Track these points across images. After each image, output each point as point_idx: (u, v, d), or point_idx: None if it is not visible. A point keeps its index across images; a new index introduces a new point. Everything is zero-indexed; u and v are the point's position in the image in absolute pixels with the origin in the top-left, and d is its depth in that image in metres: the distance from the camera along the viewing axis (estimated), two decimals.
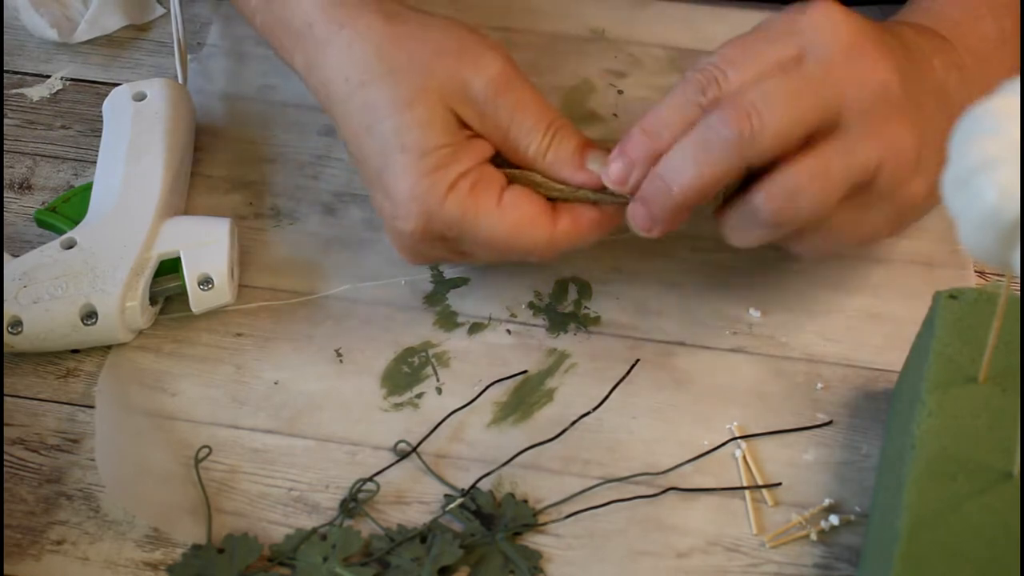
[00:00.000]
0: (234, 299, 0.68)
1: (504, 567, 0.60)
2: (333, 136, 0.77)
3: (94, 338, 0.66)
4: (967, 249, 0.45)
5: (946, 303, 0.60)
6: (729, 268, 0.71)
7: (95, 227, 0.68)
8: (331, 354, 0.67)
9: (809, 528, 0.61)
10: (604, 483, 0.63)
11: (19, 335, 0.65)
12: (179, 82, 0.77)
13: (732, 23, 0.82)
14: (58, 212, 0.70)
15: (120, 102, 0.73)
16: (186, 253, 0.67)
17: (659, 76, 0.80)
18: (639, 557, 0.61)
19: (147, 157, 0.70)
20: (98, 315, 0.65)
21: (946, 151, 0.45)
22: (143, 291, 0.66)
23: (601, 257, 0.71)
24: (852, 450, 0.64)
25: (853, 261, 0.71)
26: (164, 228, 0.68)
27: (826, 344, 0.68)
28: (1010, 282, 0.52)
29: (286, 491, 0.63)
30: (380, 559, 0.60)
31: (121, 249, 0.67)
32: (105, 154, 0.71)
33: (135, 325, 0.67)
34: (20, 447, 0.64)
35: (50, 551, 0.60)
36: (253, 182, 0.75)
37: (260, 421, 0.65)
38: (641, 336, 0.68)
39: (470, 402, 0.65)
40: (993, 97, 0.44)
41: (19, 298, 0.65)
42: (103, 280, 0.66)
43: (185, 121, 0.73)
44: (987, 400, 0.56)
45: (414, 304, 0.70)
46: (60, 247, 0.67)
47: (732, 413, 0.65)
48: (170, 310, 0.69)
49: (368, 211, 0.73)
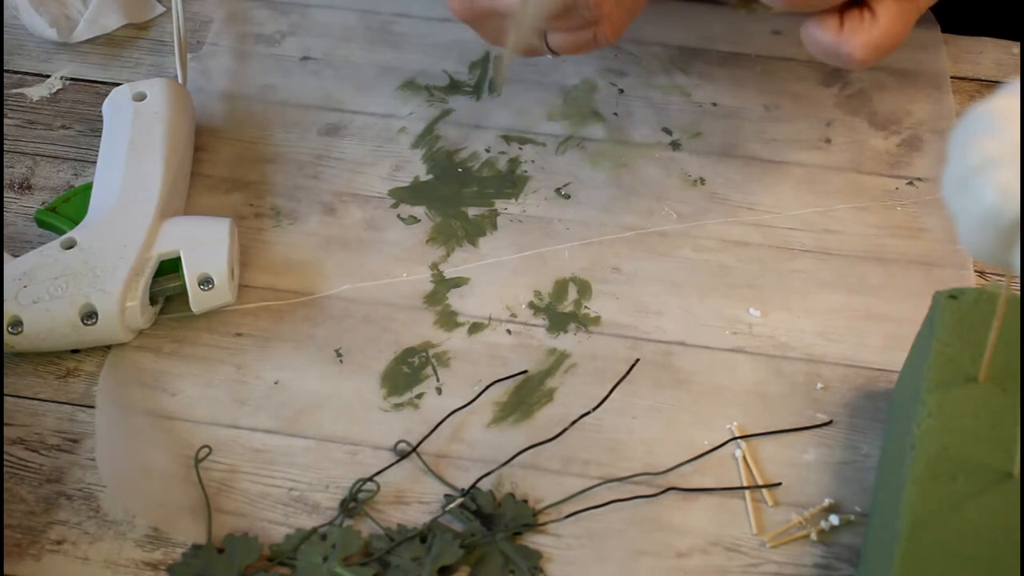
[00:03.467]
0: (234, 299, 0.68)
1: (504, 567, 0.60)
2: (333, 136, 0.77)
3: (94, 338, 0.66)
4: (967, 249, 0.45)
5: (946, 303, 0.60)
6: (729, 268, 0.71)
7: (95, 227, 0.68)
8: (331, 354, 0.67)
9: (809, 528, 0.61)
10: (604, 483, 0.63)
11: (19, 335, 0.65)
12: (179, 82, 0.77)
13: (732, 23, 0.82)
14: (58, 212, 0.70)
15: (120, 102, 0.73)
16: (186, 253, 0.67)
17: (659, 76, 0.80)
18: (639, 557, 0.61)
19: (147, 157, 0.70)
20: (98, 315, 0.65)
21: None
22: (143, 291, 0.66)
23: (601, 257, 0.71)
24: (852, 450, 0.64)
25: (853, 261, 0.71)
26: (164, 228, 0.68)
27: (826, 344, 0.68)
28: (1010, 282, 0.52)
29: (286, 491, 0.63)
30: (380, 559, 0.60)
31: (121, 249, 0.67)
32: (105, 154, 0.71)
33: (135, 325, 0.67)
34: (20, 447, 0.64)
35: (50, 551, 0.60)
36: (253, 182, 0.75)
37: (260, 421, 0.65)
38: (641, 336, 0.68)
39: (470, 402, 0.65)
40: (993, 97, 0.44)
41: (19, 298, 0.65)
42: (103, 280, 0.66)
43: (185, 121, 0.73)
44: (987, 400, 0.56)
45: (414, 304, 0.70)
46: (60, 247, 0.67)
47: (732, 413, 0.65)
48: (170, 310, 0.69)
49: (368, 211, 0.73)
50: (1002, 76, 0.80)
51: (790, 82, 0.80)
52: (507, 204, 0.74)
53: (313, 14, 0.83)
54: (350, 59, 0.81)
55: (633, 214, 0.73)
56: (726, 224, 0.73)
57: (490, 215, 0.73)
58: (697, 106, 0.79)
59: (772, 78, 0.80)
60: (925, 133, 0.77)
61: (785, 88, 0.80)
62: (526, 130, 0.77)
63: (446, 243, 0.72)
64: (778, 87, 0.80)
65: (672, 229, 0.73)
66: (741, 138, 0.77)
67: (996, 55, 0.81)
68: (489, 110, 0.78)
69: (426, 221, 0.73)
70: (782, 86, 0.80)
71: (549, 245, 0.72)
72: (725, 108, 0.79)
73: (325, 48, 0.81)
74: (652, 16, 0.82)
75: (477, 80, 0.80)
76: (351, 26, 0.82)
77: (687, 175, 0.75)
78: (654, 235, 0.72)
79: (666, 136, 0.77)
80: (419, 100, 0.79)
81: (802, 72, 0.80)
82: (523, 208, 0.74)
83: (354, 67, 0.80)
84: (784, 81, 0.80)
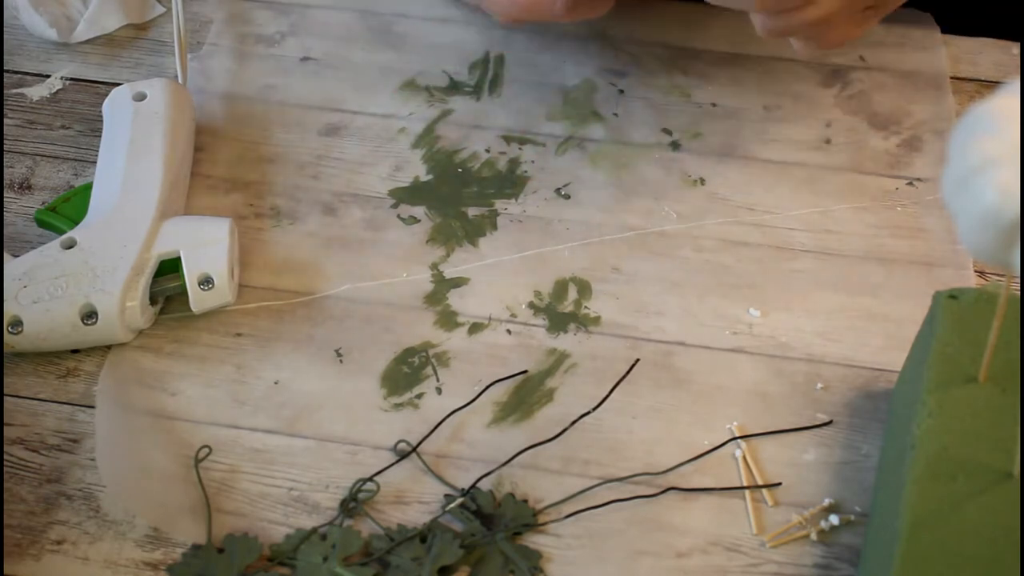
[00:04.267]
0: (234, 299, 0.68)
1: (504, 567, 0.60)
2: (333, 136, 0.77)
3: (94, 338, 0.66)
4: (967, 249, 0.45)
5: (946, 303, 0.60)
6: (729, 268, 0.71)
7: (95, 227, 0.68)
8: (331, 354, 0.67)
9: (809, 528, 0.61)
10: (604, 483, 0.63)
11: (19, 335, 0.65)
12: (179, 82, 0.77)
13: (731, 23, 0.82)
14: (58, 212, 0.70)
15: (120, 102, 0.73)
16: (186, 253, 0.67)
17: (659, 76, 0.80)
18: (639, 557, 0.61)
19: (147, 157, 0.70)
20: (98, 315, 0.65)
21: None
22: (143, 291, 0.66)
23: (601, 257, 0.71)
24: (852, 450, 0.64)
25: (853, 261, 0.71)
26: (164, 228, 0.68)
27: (826, 344, 0.68)
28: (1010, 282, 0.52)
29: (286, 491, 0.63)
30: (380, 559, 0.60)
31: (121, 249, 0.67)
32: (105, 154, 0.71)
33: (135, 325, 0.67)
34: (20, 447, 0.64)
35: (50, 551, 0.60)
36: (253, 182, 0.75)
37: (260, 421, 0.65)
38: (641, 336, 0.68)
39: (470, 402, 0.65)
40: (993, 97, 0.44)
41: (19, 298, 0.65)
42: (103, 280, 0.66)
43: (185, 121, 0.73)
44: (987, 400, 0.56)
45: (414, 304, 0.70)
46: (60, 247, 0.67)
47: (732, 413, 0.65)
48: (170, 310, 0.69)
49: (368, 211, 0.73)
50: (1002, 76, 0.80)
51: (790, 82, 0.80)
52: (507, 204, 0.74)
53: (313, 14, 0.83)
54: (350, 59, 0.81)
55: (633, 214, 0.73)
56: (726, 224, 0.73)
57: (490, 215, 0.73)
58: (697, 106, 0.79)
59: (772, 78, 0.80)
60: (925, 133, 0.77)
61: (785, 88, 0.80)
62: (526, 130, 0.77)
63: (446, 243, 0.72)
64: (778, 87, 0.80)
65: (672, 229, 0.73)
66: (741, 138, 0.77)
67: (996, 55, 0.81)
68: (489, 110, 0.78)
69: (426, 221, 0.73)
70: (782, 86, 0.80)
71: (549, 245, 0.72)
72: (725, 108, 0.79)
73: (325, 48, 0.81)
74: (652, 16, 0.82)
75: (477, 80, 0.80)
76: (351, 26, 0.82)
77: (687, 175, 0.75)
78: (654, 235, 0.72)
79: (666, 136, 0.77)
80: (419, 100, 0.79)
81: (802, 72, 0.80)
82: (523, 208, 0.74)
83: (354, 67, 0.80)
84: (784, 82, 0.80)
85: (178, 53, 0.78)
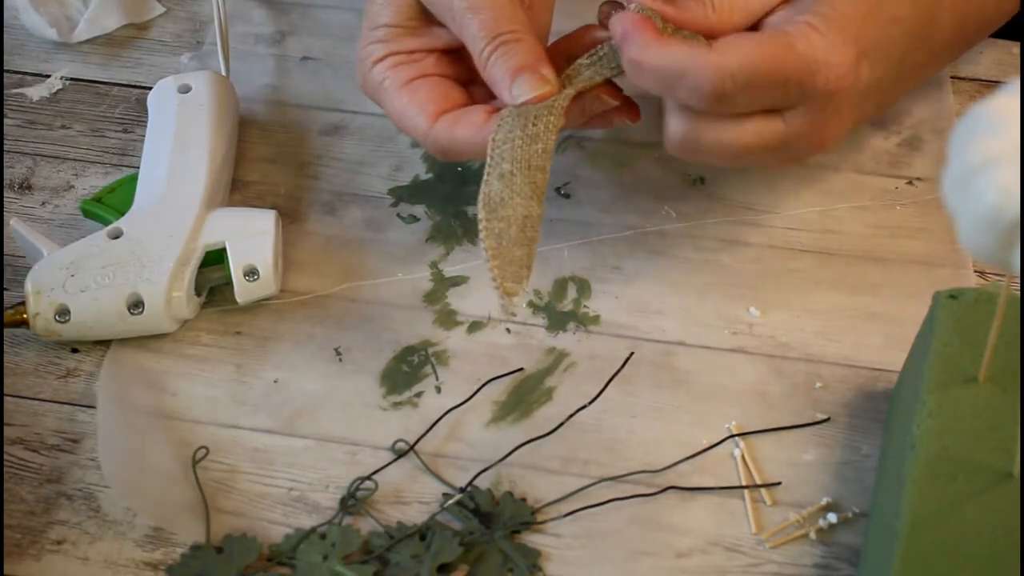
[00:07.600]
0: (279, 290, 0.68)
1: (503, 565, 0.60)
2: (333, 136, 0.77)
3: (140, 327, 0.66)
4: (967, 249, 0.45)
5: (946, 303, 0.60)
6: (729, 268, 0.71)
7: (141, 217, 0.68)
8: (331, 353, 0.67)
9: (808, 527, 0.61)
10: (601, 481, 0.63)
11: (67, 323, 0.65)
12: (223, 75, 0.77)
13: None
14: (103, 202, 0.70)
15: (165, 94, 0.73)
16: (232, 244, 0.67)
17: None
18: (638, 557, 0.61)
19: (193, 148, 0.70)
20: (144, 305, 0.65)
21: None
22: (189, 281, 0.66)
23: (601, 256, 0.71)
24: (852, 450, 0.64)
25: (853, 261, 0.71)
26: (210, 219, 0.68)
27: (826, 344, 0.68)
28: (1010, 282, 0.52)
29: (286, 491, 0.63)
30: (380, 557, 0.60)
31: (167, 239, 0.67)
32: (150, 145, 0.71)
33: (180, 315, 0.67)
34: (20, 447, 0.64)
35: (50, 551, 0.60)
36: (253, 182, 0.75)
37: (260, 420, 0.65)
38: (641, 335, 0.68)
39: (467, 400, 0.65)
40: (993, 97, 0.44)
41: (67, 287, 0.65)
42: (149, 270, 0.66)
43: (230, 113, 0.74)
44: (987, 400, 0.56)
45: (413, 303, 0.70)
46: (107, 237, 0.67)
47: (731, 413, 0.65)
48: (213, 302, 0.69)
49: (368, 211, 0.73)
50: (1002, 76, 0.80)
51: None
52: None
53: (313, 14, 0.83)
54: (350, 59, 0.80)
55: (633, 213, 0.73)
56: (726, 224, 0.73)
57: None
58: None
59: None
60: (925, 133, 0.77)
61: None
62: None
63: (445, 242, 0.72)
64: None
65: (672, 229, 0.73)
66: None
67: (996, 55, 0.81)
68: None
69: (426, 220, 0.73)
70: None
71: (548, 244, 0.72)
72: None
73: (325, 48, 0.81)
74: None
75: None
76: (351, 26, 0.82)
77: (687, 175, 0.75)
78: (654, 234, 0.72)
79: None
80: None
81: None
82: None
83: (354, 67, 0.80)
84: None
85: (220, 46, 0.78)
